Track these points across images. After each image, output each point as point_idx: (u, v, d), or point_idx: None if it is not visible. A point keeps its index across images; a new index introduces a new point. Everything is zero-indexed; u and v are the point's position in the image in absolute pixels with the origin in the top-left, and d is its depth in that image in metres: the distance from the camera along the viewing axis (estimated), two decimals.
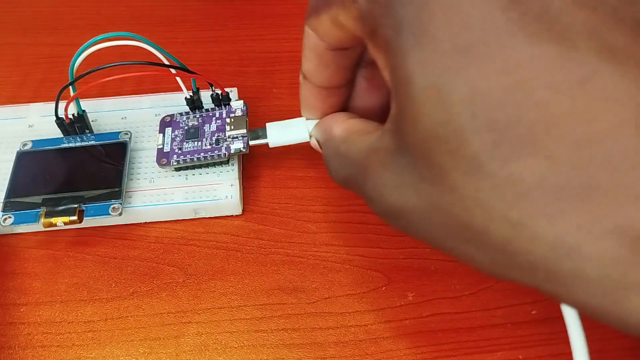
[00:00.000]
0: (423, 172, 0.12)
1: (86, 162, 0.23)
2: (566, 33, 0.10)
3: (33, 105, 0.25)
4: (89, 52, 0.21)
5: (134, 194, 0.22)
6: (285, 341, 0.20)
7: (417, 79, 0.11)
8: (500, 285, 0.21)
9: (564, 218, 0.10)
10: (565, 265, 0.10)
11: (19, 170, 0.22)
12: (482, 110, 0.10)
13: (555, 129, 0.10)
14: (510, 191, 0.10)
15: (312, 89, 0.18)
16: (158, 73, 0.22)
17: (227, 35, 0.30)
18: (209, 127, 0.23)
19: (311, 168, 0.24)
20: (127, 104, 0.26)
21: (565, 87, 0.10)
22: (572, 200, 0.10)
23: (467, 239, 0.12)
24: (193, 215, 0.23)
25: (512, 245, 0.11)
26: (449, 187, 0.11)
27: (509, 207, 0.11)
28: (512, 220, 0.11)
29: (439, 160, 0.11)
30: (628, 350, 0.20)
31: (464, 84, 0.11)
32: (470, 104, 0.11)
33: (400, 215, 0.13)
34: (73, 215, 0.21)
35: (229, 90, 0.24)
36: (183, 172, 0.23)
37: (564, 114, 0.10)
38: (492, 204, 0.11)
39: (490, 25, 0.10)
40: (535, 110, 0.10)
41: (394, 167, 0.13)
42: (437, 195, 0.12)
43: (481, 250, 0.12)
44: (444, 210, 0.12)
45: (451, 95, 0.11)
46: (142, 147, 0.24)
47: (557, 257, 0.10)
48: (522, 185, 0.10)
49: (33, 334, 0.20)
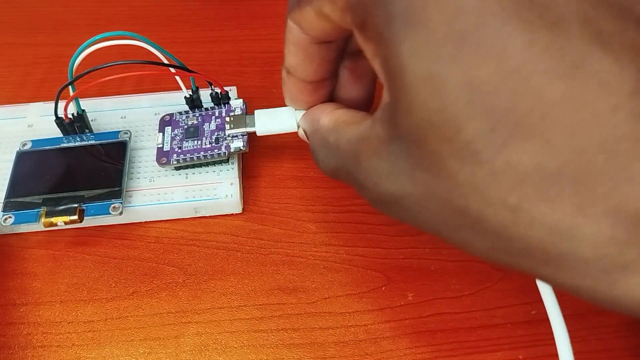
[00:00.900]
0: (418, 159, 0.12)
1: (86, 162, 0.23)
2: (559, 20, 0.10)
3: (32, 105, 0.25)
4: (88, 51, 0.21)
5: (134, 194, 0.22)
6: (285, 341, 0.20)
7: (411, 67, 0.11)
8: (500, 285, 0.21)
9: (561, 202, 0.10)
10: (562, 247, 0.11)
11: (19, 170, 0.22)
12: (478, 97, 0.10)
13: (550, 114, 0.10)
14: (507, 177, 0.11)
15: (296, 83, 0.18)
16: (157, 72, 0.22)
17: (227, 35, 0.30)
18: (209, 126, 0.23)
19: (311, 168, 0.24)
20: (127, 103, 0.26)
21: (560, 73, 0.10)
22: (568, 184, 0.10)
23: (463, 225, 0.12)
24: (193, 214, 0.23)
25: (509, 230, 0.11)
26: (444, 174, 0.11)
27: (506, 192, 0.11)
28: (510, 206, 0.11)
29: (434, 147, 0.11)
30: (629, 350, 0.20)
31: (458, 72, 0.11)
32: (465, 92, 0.11)
33: (395, 202, 0.13)
34: (73, 215, 0.21)
35: (229, 89, 0.24)
36: (183, 171, 0.23)
37: (558, 100, 0.10)
38: (488, 189, 0.11)
39: (484, 13, 0.10)
40: (531, 96, 0.10)
41: (387, 155, 0.13)
42: (433, 182, 0.12)
43: (478, 236, 0.12)
44: (440, 197, 0.12)
45: (446, 83, 0.11)
46: (142, 147, 0.24)
47: (554, 240, 0.11)
48: (519, 171, 0.10)
49: (33, 334, 0.20)
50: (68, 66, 0.21)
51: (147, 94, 0.26)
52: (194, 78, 0.23)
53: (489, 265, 0.22)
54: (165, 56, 0.21)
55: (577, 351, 0.20)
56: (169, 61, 0.22)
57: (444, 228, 0.13)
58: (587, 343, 0.20)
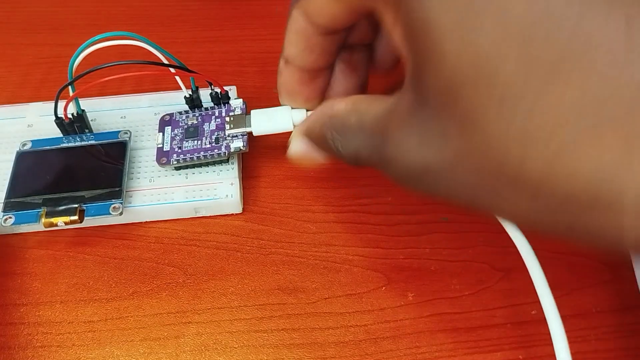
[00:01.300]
0: (449, 120, 0.12)
1: (86, 162, 0.23)
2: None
3: (32, 105, 0.25)
4: (88, 52, 0.21)
5: (134, 194, 0.22)
6: (285, 341, 0.20)
7: (440, 20, 0.11)
8: (500, 285, 0.21)
9: (603, 145, 0.10)
10: (608, 187, 0.10)
11: (19, 170, 0.22)
12: (512, 41, 0.10)
13: (588, 54, 0.10)
14: (547, 121, 0.10)
15: (294, 72, 0.18)
16: (157, 72, 0.22)
17: (227, 35, 0.30)
18: (209, 126, 0.23)
19: (311, 168, 0.24)
20: (127, 103, 0.26)
21: (594, 12, 0.09)
22: (610, 125, 0.10)
23: (500, 186, 0.11)
24: (194, 214, 0.23)
25: (551, 180, 0.11)
26: (480, 128, 0.11)
27: (547, 138, 0.10)
28: (549, 153, 0.10)
29: (467, 103, 0.11)
30: (629, 350, 0.20)
31: (490, 17, 0.10)
32: (500, 37, 0.10)
33: (426, 173, 0.13)
34: (74, 215, 0.21)
35: (228, 88, 0.24)
36: (183, 171, 0.23)
37: (595, 38, 0.10)
38: (528, 138, 0.10)
39: None
40: (567, 37, 0.10)
41: (417, 124, 0.13)
42: (466, 142, 0.11)
43: (516, 195, 0.11)
44: (474, 157, 0.11)
45: (478, 30, 0.10)
46: (142, 146, 0.24)
47: (600, 182, 0.10)
48: (559, 115, 0.10)
49: (33, 334, 0.20)
50: (68, 66, 0.21)
51: (147, 94, 0.26)
52: (193, 78, 0.23)
53: (489, 265, 0.22)
54: (165, 56, 0.21)
55: (577, 351, 0.20)
56: (169, 61, 0.22)
57: (478, 193, 0.12)
58: (587, 343, 0.20)
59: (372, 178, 0.24)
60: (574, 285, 0.21)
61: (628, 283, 0.21)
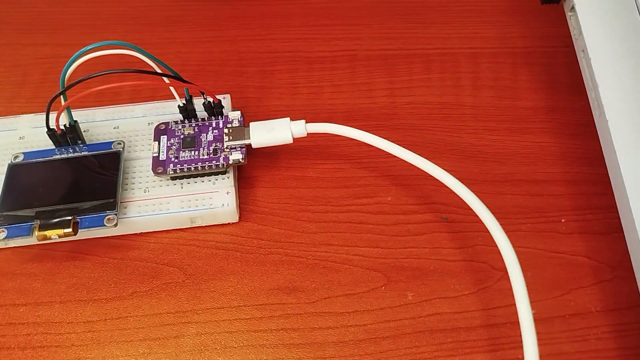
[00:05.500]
0: None
1: (79, 173, 0.22)
2: None
3: (23, 117, 0.25)
4: (80, 61, 0.20)
5: (129, 204, 0.22)
6: (285, 341, 0.20)
7: None
8: (500, 285, 0.21)
9: None
10: None
11: (11, 183, 0.22)
12: None
13: None
14: None
15: None
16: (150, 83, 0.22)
17: (227, 35, 0.30)
18: (206, 137, 0.23)
19: (311, 168, 0.24)
20: (119, 113, 0.25)
21: None
22: None
23: None
24: (189, 224, 0.23)
25: None
26: None
27: None
28: None
29: None
30: (629, 349, 0.20)
31: None
32: None
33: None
34: (67, 228, 0.20)
35: (222, 97, 0.24)
36: (178, 181, 0.23)
37: None
38: None
39: None
40: None
41: None
42: None
43: None
44: None
45: None
46: (136, 157, 0.24)
47: None
48: None
49: (32, 334, 0.20)
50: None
51: (140, 104, 0.25)
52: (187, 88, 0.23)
53: (488, 265, 0.22)
54: (159, 65, 0.21)
55: (577, 351, 0.20)
56: (162, 70, 0.21)
57: None
58: (587, 343, 0.20)
59: (372, 178, 0.24)
60: (574, 285, 0.21)
61: (628, 283, 0.21)
